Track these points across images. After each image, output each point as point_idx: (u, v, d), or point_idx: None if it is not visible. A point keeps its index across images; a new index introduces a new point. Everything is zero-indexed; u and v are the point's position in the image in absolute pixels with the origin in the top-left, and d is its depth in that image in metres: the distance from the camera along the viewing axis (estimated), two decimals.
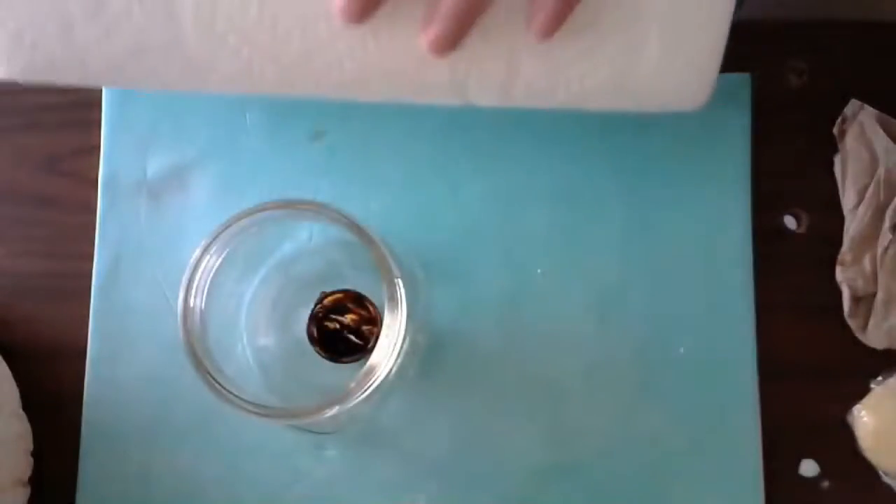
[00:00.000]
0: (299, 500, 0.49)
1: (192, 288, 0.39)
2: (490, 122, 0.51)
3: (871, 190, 0.49)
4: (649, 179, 0.51)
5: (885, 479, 0.48)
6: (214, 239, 0.39)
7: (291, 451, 0.49)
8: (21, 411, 0.49)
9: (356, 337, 0.45)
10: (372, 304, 0.45)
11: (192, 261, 0.39)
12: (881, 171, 0.49)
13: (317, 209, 0.39)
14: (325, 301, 0.45)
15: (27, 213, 0.52)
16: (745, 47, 0.53)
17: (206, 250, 0.39)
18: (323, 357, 0.45)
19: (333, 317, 0.45)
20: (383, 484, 0.49)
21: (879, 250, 0.49)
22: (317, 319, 0.45)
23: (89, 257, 0.51)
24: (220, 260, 0.40)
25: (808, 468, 0.48)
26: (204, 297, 0.40)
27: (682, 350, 0.49)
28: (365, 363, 0.38)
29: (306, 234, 0.49)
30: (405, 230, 0.51)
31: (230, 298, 0.45)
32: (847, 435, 0.49)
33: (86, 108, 0.52)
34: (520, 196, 0.51)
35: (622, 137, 0.51)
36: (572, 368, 0.49)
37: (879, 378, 0.49)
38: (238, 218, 0.39)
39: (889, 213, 0.49)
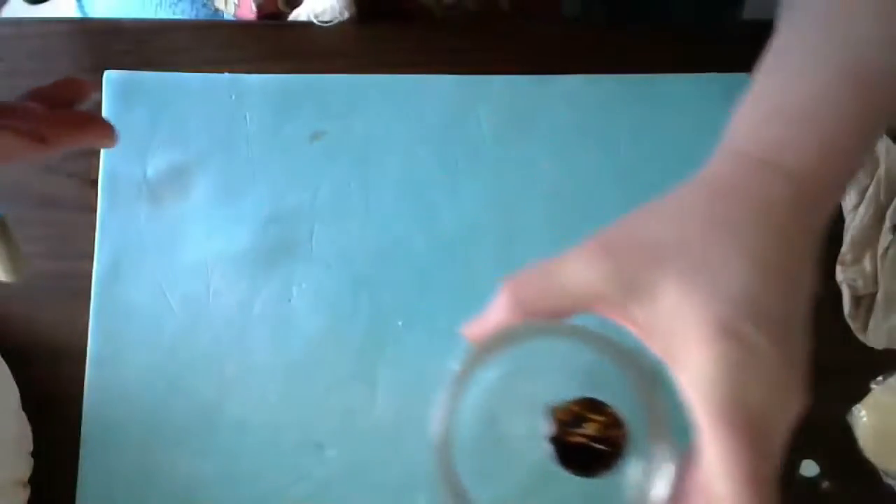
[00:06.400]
0: (299, 500, 0.49)
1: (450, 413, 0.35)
2: (490, 122, 0.51)
3: (871, 190, 0.49)
4: (648, 179, 0.51)
5: (886, 480, 0.48)
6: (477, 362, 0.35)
7: (291, 451, 0.49)
8: (21, 411, 0.49)
9: (602, 444, 0.39)
10: (609, 407, 0.40)
11: (453, 385, 0.35)
12: (881, 171, 0.49)
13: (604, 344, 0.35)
14: (560, 416, 0.40)
15: (27, 213, 0.52)
16: (745, 47, 0.53)
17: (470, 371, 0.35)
18: (576, 475, 0.40)
19: (573, 431, 0.40)
20: (383, 484, 0.49)
21: (879, 250, 0.49)
22: (557, 438, 0.39)
23: (89, 257, 0.51)
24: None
25: (808, 468, 0.48)
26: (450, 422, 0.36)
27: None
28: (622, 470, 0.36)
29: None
30: (405, 230, 0.51)
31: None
32: (847, 435, 0.48)
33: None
34: (519, 196, 0.51)
35: (621, 138, 0.51)
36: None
37: (879, 378, 0.49)
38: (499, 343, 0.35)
39: (889, 213, 0.49)
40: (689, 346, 0.31)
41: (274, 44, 0.53)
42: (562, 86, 0.52)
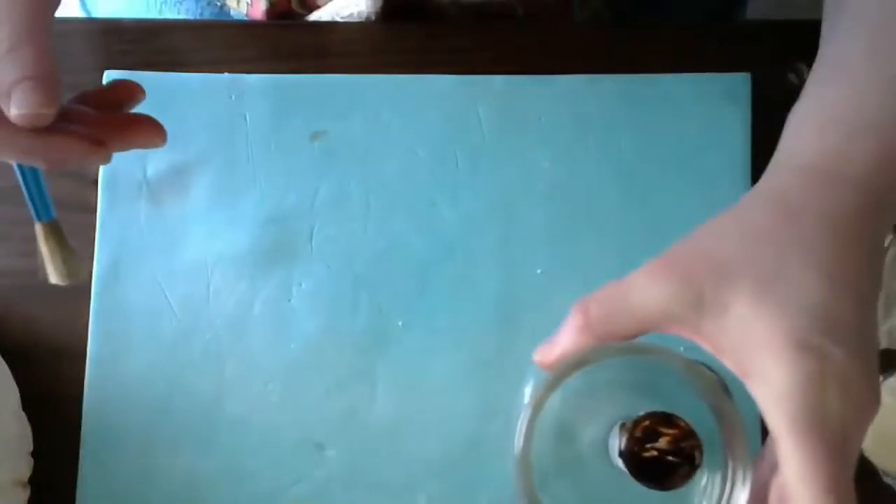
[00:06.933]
0: (299, 500, 0.49)
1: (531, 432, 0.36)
2: (490, 122, 0.51)
3: None
4: (649, 179, 0.51)
5: (886, 480, 0.48)
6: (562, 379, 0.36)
7: (291, 451, 0.49)
8: (21, 411, 0.49)
9: (675, 456, 0.39)
10: (680, 419, 0.40)
11: (535, 403, 0.36)
12: None
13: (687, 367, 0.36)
14: (632, 430, 0.39)
15: (27, 213, 0.52)
16: (745, 47, 0.53)
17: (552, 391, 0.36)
18: (651, 489, 0.39)
19: (646, 445, 0.39)
20: (383, 484, 0.49)
21: None
22: (631, 454, 0.39)
23: (89, 257, 0.51)
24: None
25: None
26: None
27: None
28: (697, 481, 0.36)
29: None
30: (405, 230, 0.51)
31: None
32: None
33: None
34: (519, 196, 0.51)
35: (622, 137, 0.51)
36: None
37: (880, 378, 0.49)
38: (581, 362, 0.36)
39: None
40: (765, 361, 0.32)
41: (274, 44, 0.53)
42: (562, 86, 0.52)
